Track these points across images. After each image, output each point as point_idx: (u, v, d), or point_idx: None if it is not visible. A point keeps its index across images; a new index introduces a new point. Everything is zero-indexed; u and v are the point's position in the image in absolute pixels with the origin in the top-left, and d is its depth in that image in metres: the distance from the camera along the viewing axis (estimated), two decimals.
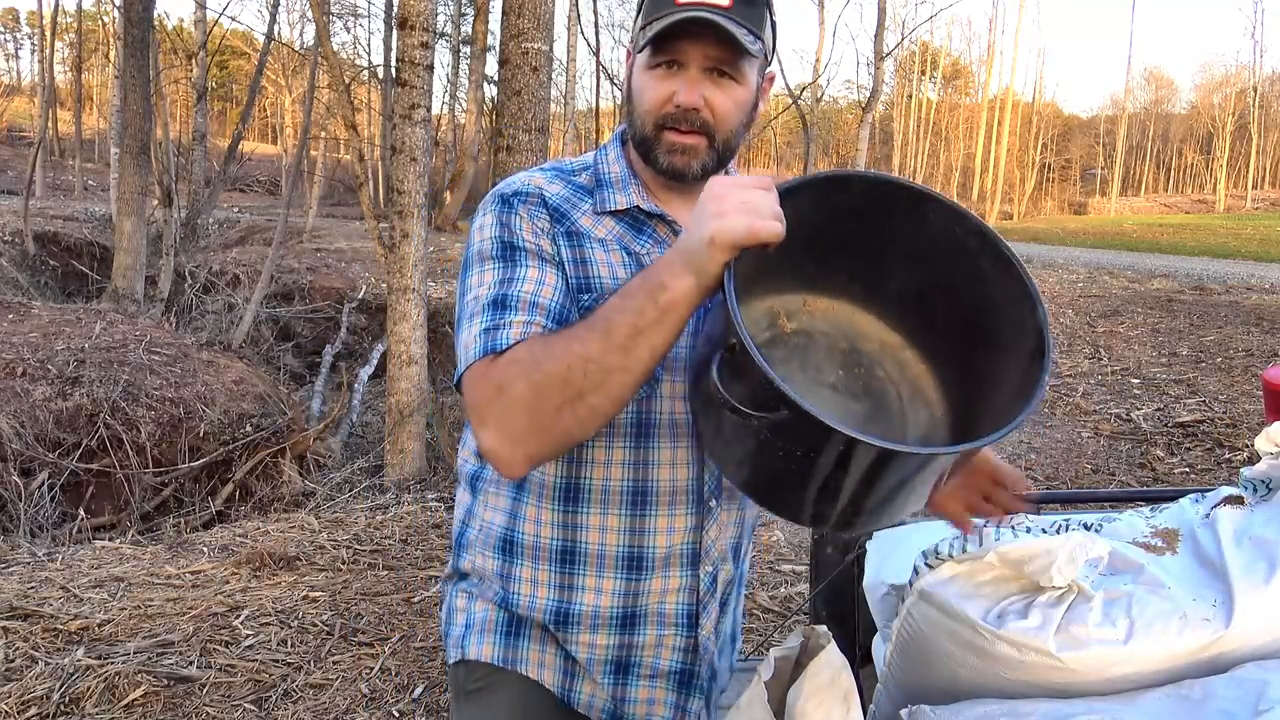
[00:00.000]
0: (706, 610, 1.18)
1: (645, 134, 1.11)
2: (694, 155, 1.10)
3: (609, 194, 1.16)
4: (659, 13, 1.05)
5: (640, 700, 1.18)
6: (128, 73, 9.63)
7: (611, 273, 1.11)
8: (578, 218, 1.13)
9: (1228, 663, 1.09)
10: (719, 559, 1.18)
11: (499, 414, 0.95)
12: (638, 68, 1.12)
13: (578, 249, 1.11)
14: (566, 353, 0.93)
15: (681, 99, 1.07)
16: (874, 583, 1.48)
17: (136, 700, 2.68)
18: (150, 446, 5.92)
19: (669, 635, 1.17)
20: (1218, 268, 13.73)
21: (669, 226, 1.15)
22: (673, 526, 1.13)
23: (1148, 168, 54.42)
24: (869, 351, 1.08)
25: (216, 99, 39.86)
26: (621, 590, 1.14)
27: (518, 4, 4.63)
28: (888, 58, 17.41)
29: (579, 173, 1.19)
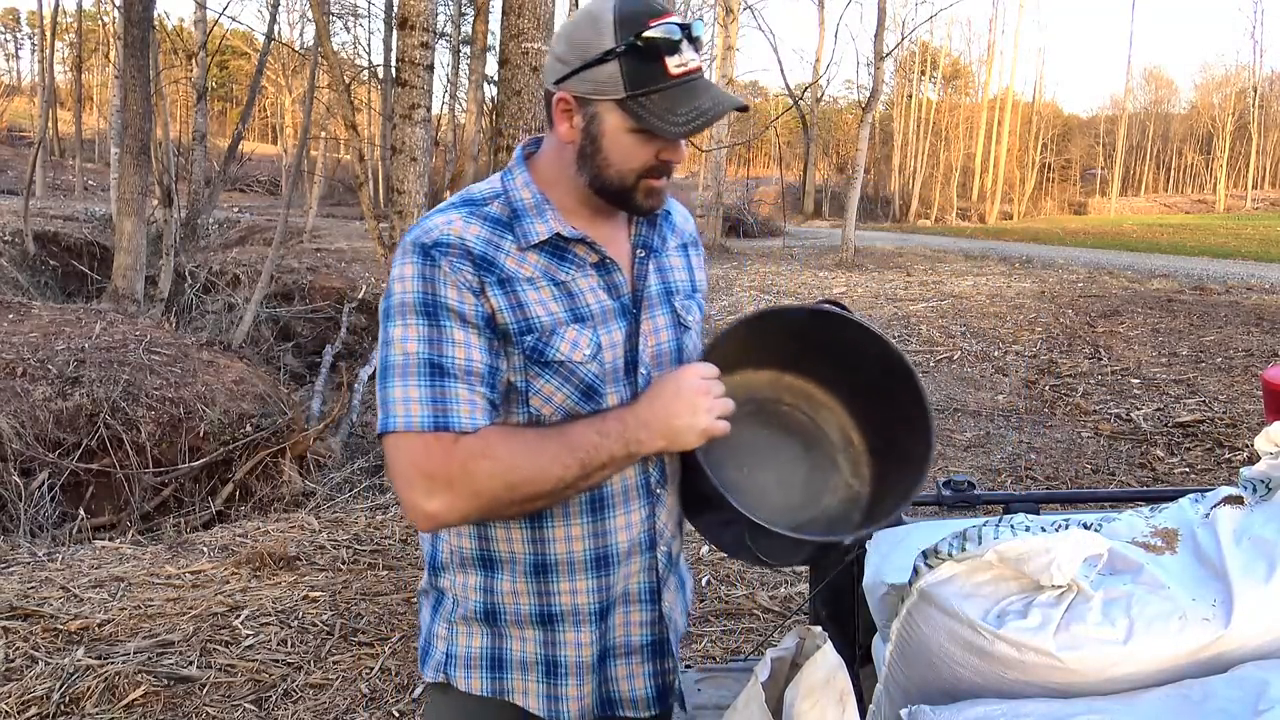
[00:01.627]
0: (666, 584, 1.29)
1: (625, 185, 1.18)
2: (664, 194, 1.22)
3: (528, 225, 1.19)
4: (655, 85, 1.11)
5: (621, 678, 1.28)
6: (128, 73, 9.63)
7: (546, 310, 1.17)
8: (503, 261, 1.16)
9: (1227, 663, 1.09)
10: (670, 538, 1.30)
11: (459, 492, 1.07)
12: (614, 129, 1.14)
13: (511, 294, 1.15)
14: (546, 471, 1.09)
15: (672, 158, 1.17)
16: (873, 583, 1.48)
17: (136, 700, 2.68)
18: (150, 446, 5.92)
19: (635, 612, 1.28)
20: (1218, 268, 13.74)
21: (589, 247, 1.21)
22: (630, 522, 1.24)
23: (1148, 168, 54.42)
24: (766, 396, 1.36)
25: (216, 99, 39.87)
26: (594, 587, 1.23)
27: (518, 4, 4.63)
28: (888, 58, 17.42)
29: (490, 202, 1.20)
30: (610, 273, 1.23)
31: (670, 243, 1.33)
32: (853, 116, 37.21)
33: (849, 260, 15.12)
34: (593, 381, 1.19)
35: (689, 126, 1.11)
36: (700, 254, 1.42)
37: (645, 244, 1.28)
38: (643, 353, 1.24)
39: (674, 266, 1.32)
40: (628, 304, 1.24)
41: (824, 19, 30.53)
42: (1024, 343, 8.38)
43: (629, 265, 1.26)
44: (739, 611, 3.45)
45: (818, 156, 38.09)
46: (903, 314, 9.84)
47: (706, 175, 20.80)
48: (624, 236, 1.28)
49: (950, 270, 14.05)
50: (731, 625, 3.34)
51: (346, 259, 14.03)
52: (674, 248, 1.34)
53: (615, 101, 1.12)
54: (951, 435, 6.06)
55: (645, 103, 1.11)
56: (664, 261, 1.31)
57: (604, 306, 1.21)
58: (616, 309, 1.22)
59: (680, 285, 1.32)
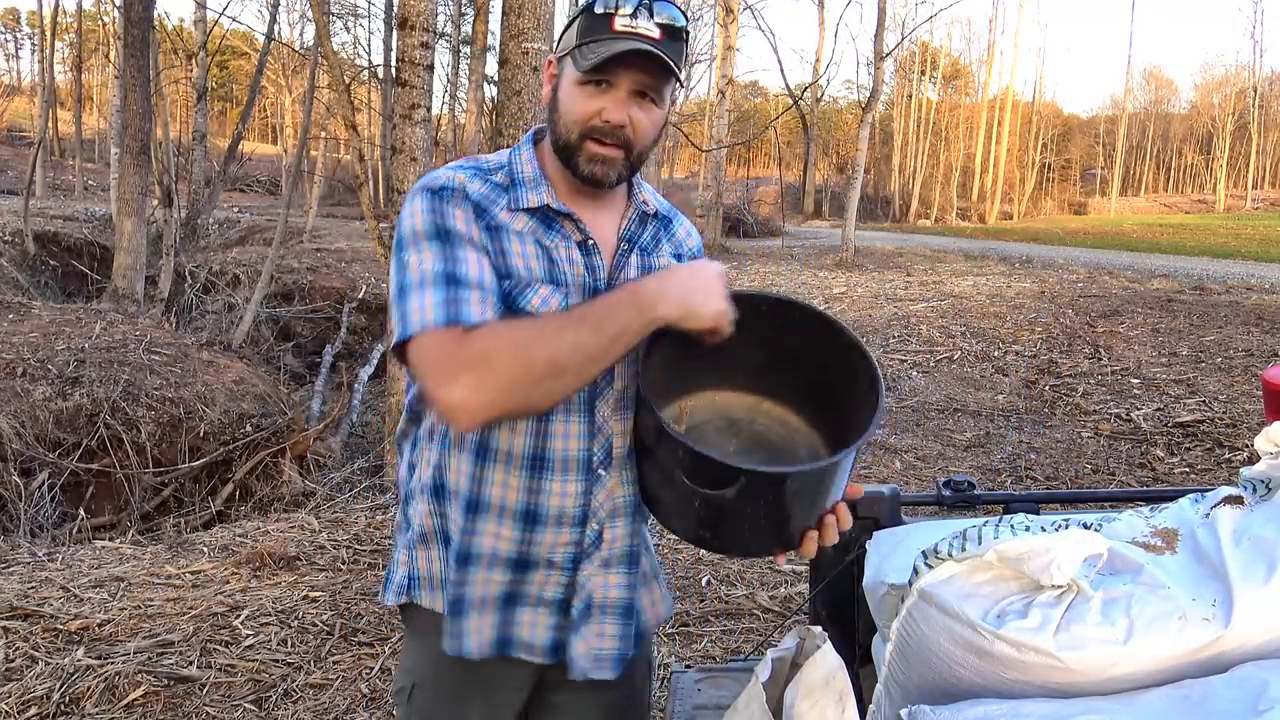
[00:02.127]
0: (589, 558, 1.31)
1: (569, 141, 1.23)
2: (612, 166, 1.23)
3: (522, 193, 1.27)
4: (596, 37, 1.18)
5: (524, 623, 1.32)
6: (128, 73, 9.63)
7: (526, 264, 1.23)
8: (496, 212, 1.24)
9: (1227, 662, 1.09)
10: (605, 518, 1.31)
11: (479, 376, 1.10)
12: (568, 81, 1.22)
13: (498, 241, 1.23)
14: (558, 339, 1.11)
15: (610, 116, 1.20)
16: (873, 583, 1.48)
17: (136, 700, 2.68)
18: (150, 446, 5.92)
19: (554, 576, 1.31)
20: (1218, 268, 13.73)
21: (575, 224, 1.27)
22: (565, 491, 1.27)
23: (1148, 168, 54.41)
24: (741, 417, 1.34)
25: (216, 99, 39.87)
26: (517, 539, 1.28)
27: (518, 4, 4.63)
28: (888, 58, 17.42)
29: (495, 171, 1.29)
30: (590, 255, 1.27)
31: (664, 248, 1.37)
32: (853, 116, 37.21)
33: (849, 260, 15.12)
34: None
35: (592, 61, 1.16)
36: None
37: (631, 238, 1.32)
38: None
39: (659, 267, 1.34)
40: (600, 288, 1.27)
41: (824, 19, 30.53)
42: (1024, 343, 8.38)
43: (610, 254, 1.30)
44: (739, 611, 3.45)
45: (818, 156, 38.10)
46: (903, 314, 9.84)
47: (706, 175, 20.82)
48: (613, 228, 1.32)
49: (950, 270, 14.05)
50: (731, 625, 3.34)
51: (346, 259, 14.02)
52: (667, 253, 1.37)
53: (569, 53, 1.21)
54: (951, 435, 6.06)
55: (584, 49, 1.18)
56: (650, 261, 1.34)
57: (577, 279, 1.26)
58: (587, 287, 1.26)
59: None
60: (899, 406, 6.86)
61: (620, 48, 1.16)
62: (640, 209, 1.35)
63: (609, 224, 1.32)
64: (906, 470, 5.36)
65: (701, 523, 1.18)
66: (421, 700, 1.39)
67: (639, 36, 1.17)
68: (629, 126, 1.21)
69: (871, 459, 5.58)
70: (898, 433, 6.15)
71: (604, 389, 1.27)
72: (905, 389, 7.26)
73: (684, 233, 1.43)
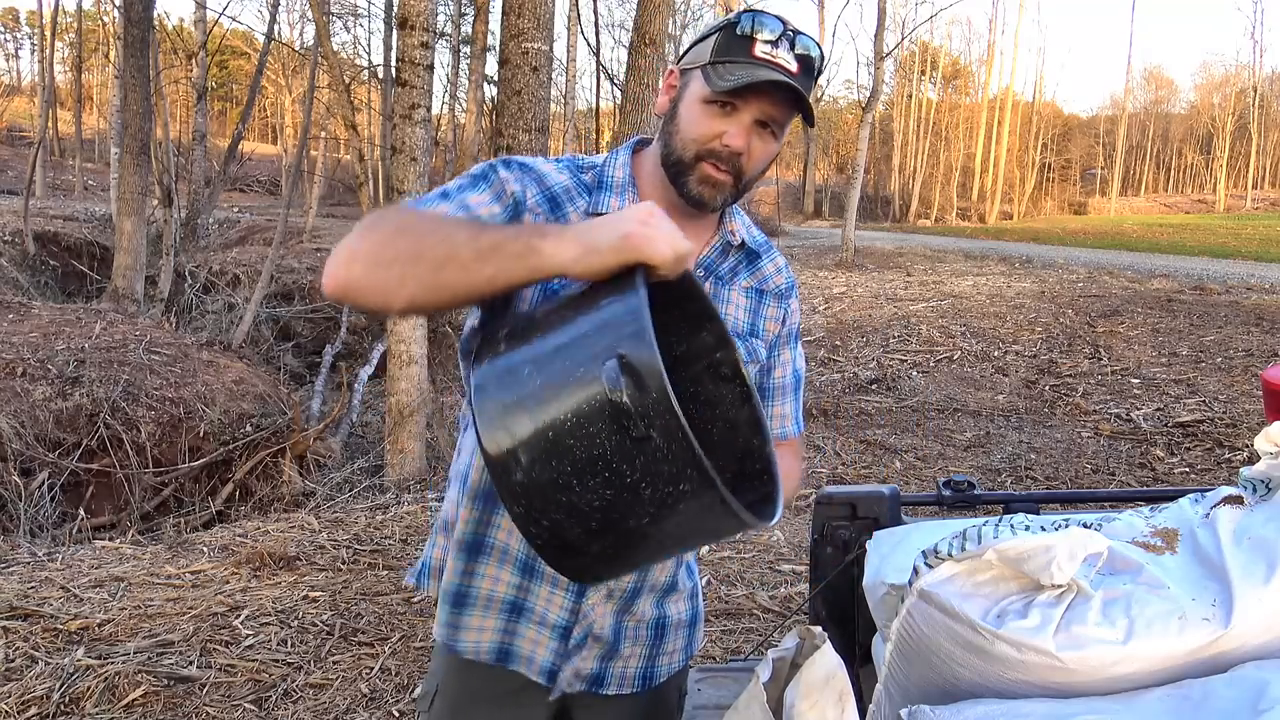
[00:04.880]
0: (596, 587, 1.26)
1: (683, 158, 1.18)
2: (721, 190, 1.19)
3: (604, 196, 1.23)
4: (731, 56, 1.14)
5: (527, 638, 1.28)
6: (128, 73, 9.63)
7: None
8: (569, 211, 1.22)
9: (1227, 663, 1.09)
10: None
11: (355, 239, 1.00)
12: (692, 96, 1.18)
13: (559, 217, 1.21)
14: (438, 230, 1.01)
15: (731, 141, 1.15)
16: (873, 583, 1.48)
17: (136, 700, 2.68)
18: (150, 446, 5.93)
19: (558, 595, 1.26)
20: (1218, 268, 13.74)
21: None
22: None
23: (1148, 168, 54.41)
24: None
25: (216, 99, 39.87)
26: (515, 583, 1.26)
27: (518, 4, 4.63)
28: (888, 58, 17.42)
29: (586, 170, 1.27)
30: None
31: (741, 280, 1.32)
32: (853, 116, 37.20)
33: (849, 260, 15.12)
34: None
35: (729, 83, 1.12)
36: (785, 309, 1.36)
37: (707, 266, 1.28)
38: None
39: (733, 301, 1.30)
40: None
41: (824, 19, 30.57)
42: (1024, 343, 8.38)
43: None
44: (739, 611, 3.45)
45: (818, 156, 38.10)
46: (903, 314, 9.84)
47: None
48: (695, 249, 1.27)
49: (950, 270, 14.05)
50: (731, 625, 3.34)
51: None
52: (744, 286, 1.32)
53: (700, 68, 1.17)
54: (951, 435, 6.06)
55: (719, 68, 1.14)
56: (723, 292, 1.30)
57: None
58: None
59: (729, 320, 1.28)
60: (899, 406, 6.86)
61: (762, 76, 1.12)
62: (725, 239, 1.30)
63: (696, 248, 1.26)
64: (906, 470, 5.37)
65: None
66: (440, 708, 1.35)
67: (778, 67, 1.13)
68: (746, 155, 1.17)
69: (872, 459, 5.58)
70: (898, 433, 6.16)
71: None
72: (905, 389, 7.26)
73: (772, 269, 1.36)
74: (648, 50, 4.75)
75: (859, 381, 7.60)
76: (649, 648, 1.34)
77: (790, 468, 1.34)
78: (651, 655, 1.35)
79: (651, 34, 4.94)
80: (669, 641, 1.37)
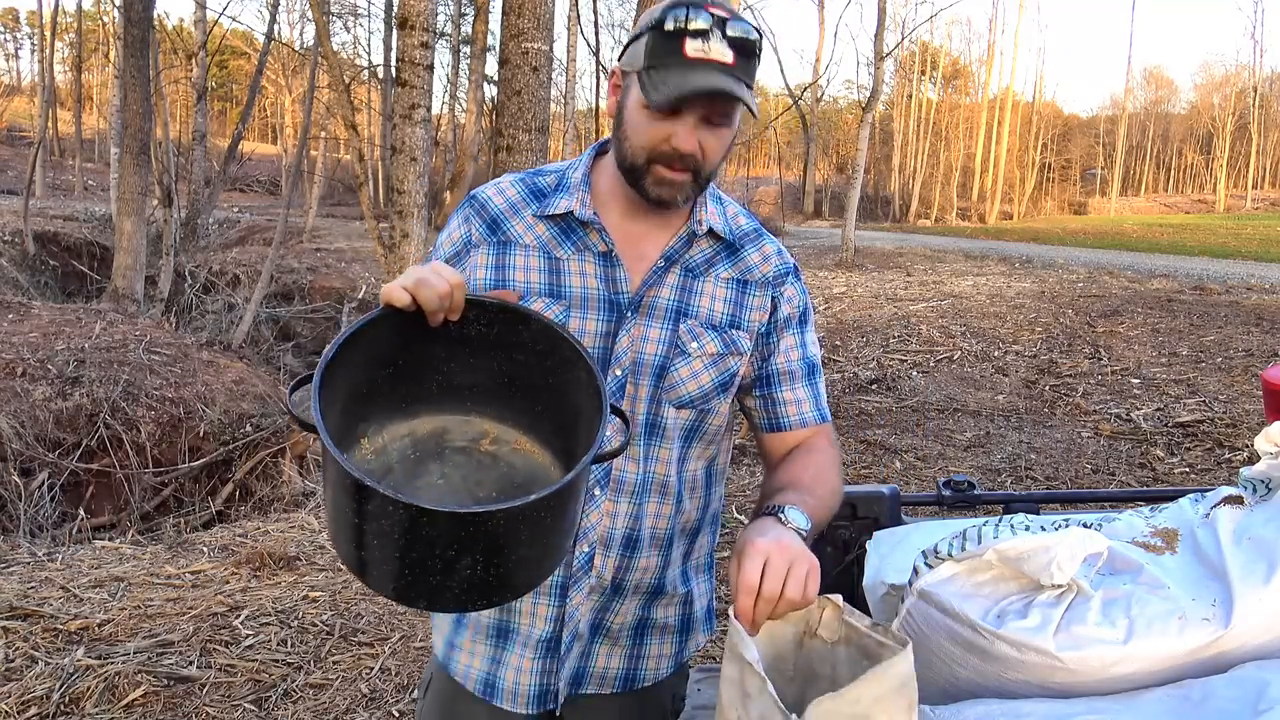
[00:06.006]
0: (578, 585, 1.25)
1: (635, 164, 1.18)
2: (679, 190, 1.18)
3: (555, 198, 1.26)
4: (664, 59, 1.11)
5: (511, 666, 1.28)
6: (128, 73, 9.63)
7: (526, 277, 1.24)
8: (512, 226, 1.26)
9: (1227, 663, 1.09)
10: (597, 542, 1.25)
11: None
12: (634, 102, 1.16)
13: (500, 256, 1.25)
14: None
15: (679, 144, 1.14)
16: (874, 583, 1.48)
17: (136, 700, 2.68)
18: (150, 446, 5.93)
19: (542, 605, 1.26)
20: (1218, 268, 13.73)
21: (600, 235, 1.24)
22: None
23: (1148, 168, 54.41)
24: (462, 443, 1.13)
25: (216, 99, 39.87)
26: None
27: (518, 4, 4.63)
28: (888, 58, 17.42)
29: (549, 174, 1.31)
30: (613, 265, 1.24)
31: (720, 271, 1.29)
32: (853, 116, 37.21)
33: (849, 260, 15.12)
34: None
35: (665, 96, 1.10)
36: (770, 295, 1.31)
37: (673, 257, 1.26)
38: (620, 353, 1.24)
39: (707, 292, 1.27)
40: (623, 302, 1.24)
41: (824, 19, 30.57)
42: (1024, 343, 8.38)
43: (643, 268, 1.25)
44: None
45: (818, 156, 38.09)
46: (903, 314, 9.84)
47: None
48: (658, 243, 1.27)
49: (950, 270, 14.05)
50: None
51: (346, 259, 14.03)
52: (723, 278, 1.29)
53: (636, 74, 1.15)
54: (951, 435, 6.06)
55: (653, 75, 1.12)
56: (695, 284, 1.27)
57: (589, 293, 1.24)
58: (604, 300, 1.24)
59: (702, 311, 1.27)
60: (899, 406, 6.86)
61: (693, 85, 1.09)
62: (692, 228, 1.27)
63: (659, 234, 1.27)
64: (906, 470, 5.36)
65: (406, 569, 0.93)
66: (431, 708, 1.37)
67: (711, 64, 1.10)
68: (698, 153, 1.16)
69: (872, 459, 5.58)
70: (898, 433, 6.15)
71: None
72: (905, 389, 7.26)
73: (758, 257, 1.32)
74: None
75: (859, 381, 7.60)
76: (629, 649, 1.33)
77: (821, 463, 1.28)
78: (632, 657, 1.34)
79: None
80: (650, 644, 1.35)
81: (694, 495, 1.33)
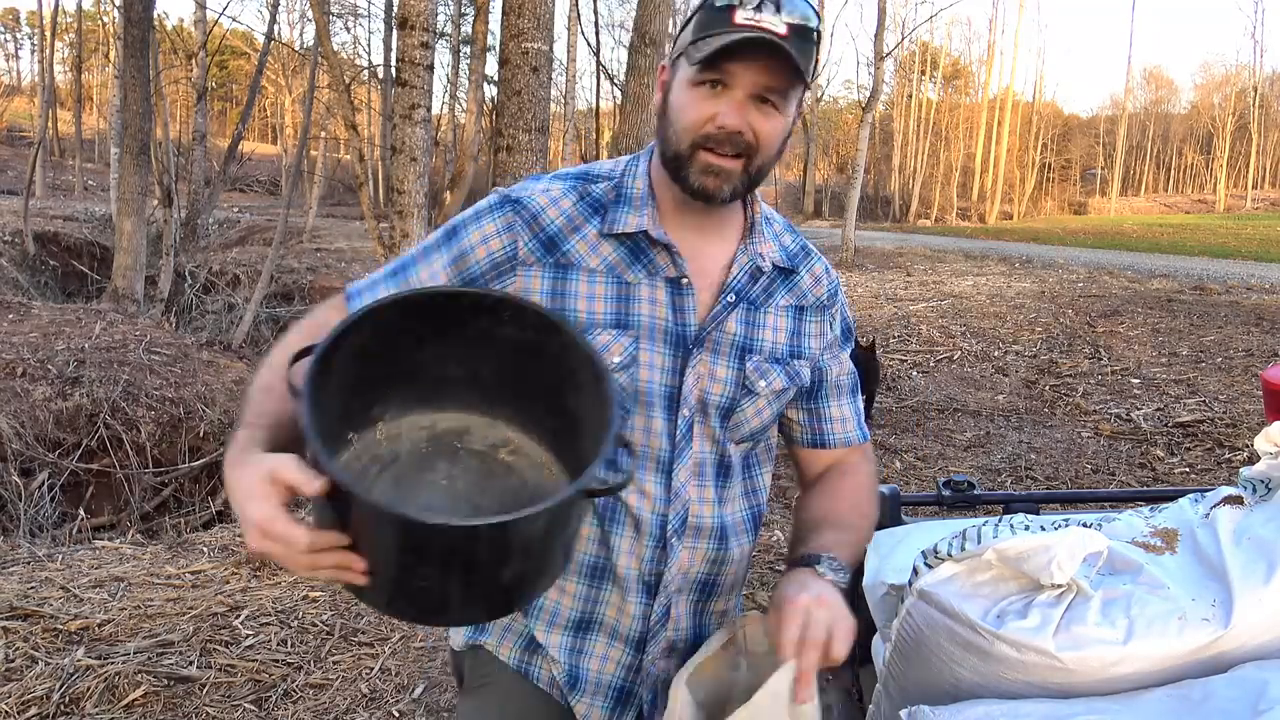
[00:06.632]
0: (655, 638, 1.20)
1: (679, 150, 1.08)
2: (727, 179, 1.08)
3: (623, 213, 1.14)
4: (712, 30, 1.04)
5: (595, 654, 1.20)
6: (128, 73, 9.63)
7: (590, 306, 1.11)
8: (573, 245, 1.13)
9: (1227, 663, 1.09)
10: (676, 594, 1.20)
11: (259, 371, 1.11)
12: (679, 83, 1.09)
13: (560, 281, 1.12)
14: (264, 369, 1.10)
15: (726, 121, 1.05)
16: (873, 583, 1.48)
17: (136, 700, 2.68)
18: (150, 446, 5.93)
19: (615, 651, 1.20)
20: (1218, 268, 13.73)
21: (671, 259, 1.14)
22: (631, 559, 1.16)
23: (1148, 168, 54.42)
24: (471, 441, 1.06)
25: (216, 99, 39.87)
26: (583, 595, 1.18)
27: (518, 4, 4.63)
28: (888, 58, 17.42)
29: (601, 181, 1.18)
30: (683, 294, 1.14)
31: (779, 300, 1.21)
32: (853, 116, 37.20)
33: (849, 260, 15.12)
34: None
35: (705, 52, 1.02)
36: (826, 319, 1.26)
37: (739, 291, 1.17)
38: (688, 392, 1.14)
39: (769, 324, 1.20)
40: (689, 335, 1.14)
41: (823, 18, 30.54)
42: (1024, 343, 8.38)
43: (710, 297, 1.16)
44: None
45: (818, 156, 38.09)
46: (903, 314, 9.84)
47: None
48: (721, 259, 1.18)
49: (950, 270, 14.05)
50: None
51: (346, 259, 14.03)
52: (782, 305, 1.21)
53: (683, 52, 1.08)
54: (951, 435, 6.06)
55: (700, 44, 1.04)
56: (758, 316, 1.19)
57: (657, 323, 1.13)
58: (672, 331, 1.14)
59: (765, 345, 1.19)
60: (899, 406, 6.86)
61: (738, 36, 1.01)
62: (754, 262, 1.18)
63: (718, 254, 1.18)
64: (906, 470, 5.36)
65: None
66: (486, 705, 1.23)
67: (762, 30, 1.02)
68: (748, 132, 1.06)
69: None
70: (898, 433, 6.15)
71: (683, 450, 1.15)
72: (905, 389, 7.26)
73: (810, 280, 1.25)
74: (648, 50, 4.76)
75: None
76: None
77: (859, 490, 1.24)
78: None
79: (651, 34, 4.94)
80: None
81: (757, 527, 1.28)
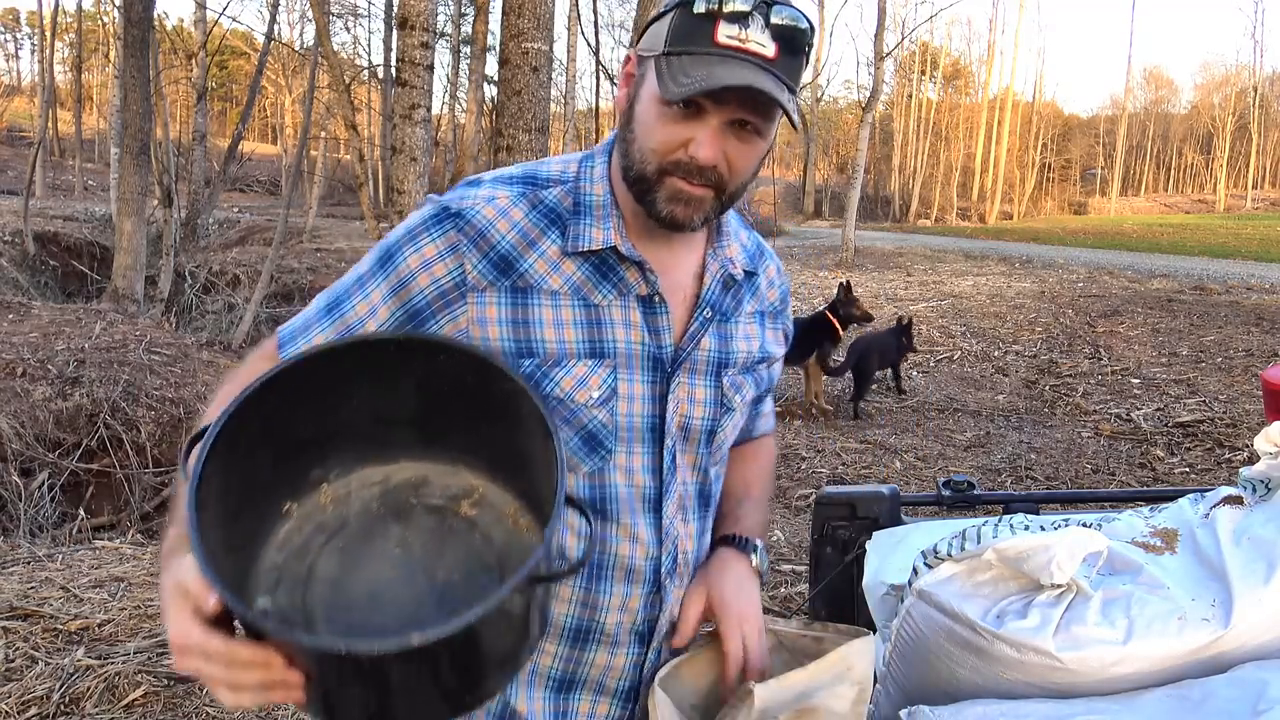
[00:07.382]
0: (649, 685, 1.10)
1: (644, 172, 0.95)
2: (698, 208, 0.95)
3: (585, 227, 0.99)
4: (690, 46, 0.89)
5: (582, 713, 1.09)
6: (128, 73, 9.63)
7: (559, 334, 0.97)
8: (530, 264, 0.97)
9: (1227, 663, 1.09)
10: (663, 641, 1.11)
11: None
12: (648, 93, 0.93)
13: (520, 308, 0.97)
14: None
15: (699, 153, 0.91)
16: (873, 583, 1.48)
17: (136, 700, 2.68)
18: (150, 446, 5.92)
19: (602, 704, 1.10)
20: (1218, 268, 13.73)
21: (642, 276, 1.00)
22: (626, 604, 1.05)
23: (1148, 168, 54.41)
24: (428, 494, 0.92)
25: (216, 99, 39.87)
26: (565, 656, 1.06)
27: (518, 4, 4.63)
28: (888, 58, 17.42)
29: (552, 185, 1.02)
30: (657, 313, 1.01)
31: (746, 307, 1.12)
32: (853, 116, 37.22)
33: (849, 260, 15.11)
34: (597, 431, 0.99)
35: (684, 89, 0.87)
36: (781, 325, 1.20)
37: (714, 305, 1.07)
38: (670, 420, 1.03)
39: (739, 335, 1.11)
40: (665, 357, 1.02)
41: (824, 19, 30.56)
42: (1024, 343, 8.38)
43: (685, 312, 1.05)
44: None
45: (818, 156, 38.08)
46: (903, 314, 9.84)
47: None
48: (688, 271, 1.06)
49: (950, 270, 14.05)
50: None
51: (346, 259, 14.02)
52: (749, 313, 1.13)
53: (654, 59, 0.92)
54: (951, 435, 6.06)
55: (673, 63, 0.90)
56: (729, 328, 1.09)
57: (634, 348, 1.00)
58: (649, 355, 1.01)
59: (738, 356, 1.10)
60: (899, 406, 6.86)
61: (719, 81, 0.87)
62: (725, 270, 1.08)
63: (687, 264, 1.06)
64: (906, 470, 5.36)
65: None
66: None
67: (748, 54, 0.88)
68: (722, 165, 0.93)
69: (872, 459, 5.58)
70: (898, 433, 6.15)
71: (669, 484, 1.05)
72: (905, 389, 7.26)
73: (765, 284, 1.16)
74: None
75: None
76: None
77: (767, 466, 1.29)
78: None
79: None
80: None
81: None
